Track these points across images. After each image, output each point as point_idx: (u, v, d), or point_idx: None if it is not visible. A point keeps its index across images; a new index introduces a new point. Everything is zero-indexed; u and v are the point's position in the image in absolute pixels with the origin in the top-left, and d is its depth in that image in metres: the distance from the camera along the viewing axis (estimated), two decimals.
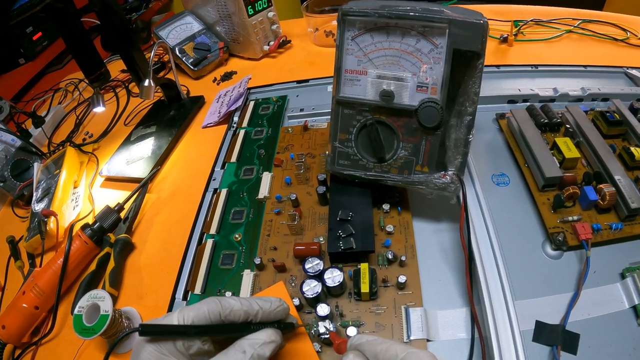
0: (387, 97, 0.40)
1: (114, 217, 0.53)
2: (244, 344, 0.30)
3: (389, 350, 0.26)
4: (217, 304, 0.31)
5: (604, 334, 0.35)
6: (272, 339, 0.31)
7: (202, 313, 0.30)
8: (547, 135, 0.52)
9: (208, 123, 0.69)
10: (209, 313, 0.31)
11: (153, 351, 0.29)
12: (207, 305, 0.31)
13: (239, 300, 0.32)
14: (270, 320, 0.33)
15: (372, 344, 0.28)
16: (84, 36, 0.59)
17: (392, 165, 0.42)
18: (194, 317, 0.30)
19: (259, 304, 0.32)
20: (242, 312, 0.31)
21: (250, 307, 0.32)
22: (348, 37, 0.40)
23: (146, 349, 0.29)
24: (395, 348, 0.26)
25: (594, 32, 0.74)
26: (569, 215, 0.42)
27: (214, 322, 0.31)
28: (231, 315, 0.31)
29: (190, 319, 0.30)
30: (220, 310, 0.31)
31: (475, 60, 0.38)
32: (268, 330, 0.32)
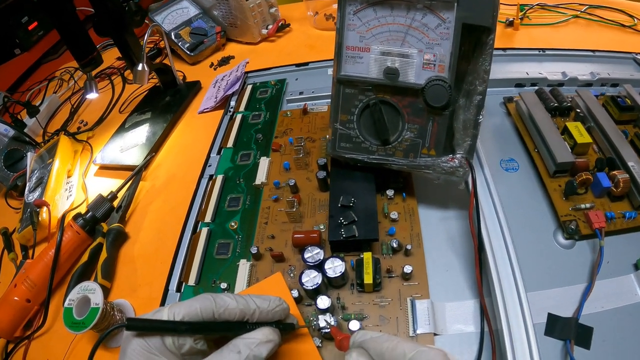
0: (391, 75, 0.37)
1: (106, 206, 0.51)
2: (239, 344, 0.28)
3: (396, 348, 0.24)
4: (211, 301, 0.29)
5: (618, 327, 0.34)
6: (269, 338, 0.29)
7: (193, 310, 0.28)
8: (557, 119, 0.50)
9: (204, 108, 0.67)
10: (201, 311, 0.28)
11: (140, 348, 0.27)
12: (200, 303, 0.29)
13: (234, 298, 0.30)
14: (268, 321, 0.31)
15: (377, 342, 0.26)
16: (74, 19, 0.57)
17: (396, 148, 0.40)
18: (185, 314, 0.28)
19: (256, 303, 0.30)
20: (238, 311, 0.29)
21: (246, 306, 0.29)
22: (349, 11, 0.38)
23: (133, 344, 0.27)
24: (402, 346, 0.24)
25: (601, 17, 0.72)
26: (581, 203, 0.40)
27: (207, 320, 0.29)
28: (225, 314, 0.29)
29: (181, 316, 0.28)
30: (214, 308, 0.29)
31: (485, 36, 0.35)
32: (265, 329, 0.29)
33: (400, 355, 0.24)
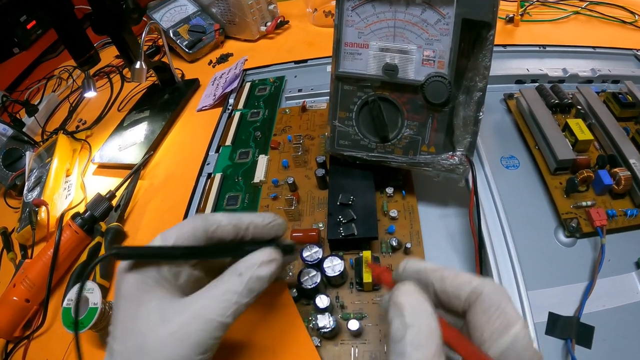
0: (390, 72, 0.37)
1: (105, 205, 0.51)
2: (240, 267, 0.26)
3: (459, 276, 0.23)
4: (202, 219, 0.27)
5: (620, 326, 0.33)
6: (270, 258, 0.27)
7: (185, 231, 0.26)
8: (558, 116, 0.49)
9: (203, 106, 0.67)
10: (194, 230, 0.26)
11: (135, 281, 0.25)
12: (192, 222, 0.27)
13: (226, 215, 0.28)
14: (265, 238, 0.29)
15: (437, 270, 0.23)
16: (71, 17, 0.56)
17: (396, 146, 0.40)
18: (177, 236, 0.26)
19: (249, 217, 0.28)
20: (231, 227, 0.27)
21: (239, 221, 0.28)
22: (348, 7, 0.37)
23: (127, 279, 0.25)
24: (466, 275, 0.23)
25: (601, 13, 0.72)
26: (582, 200, 0.40)
27: (200, 241, 0.27)
28: (219, 231, 0.27)
29: (173, 239, 0.26)
30: (206, 226, 0.27)
31: (485, 32, 0.35)
32: (266, 249, 0.27)
33: (466, 282, 0.22)
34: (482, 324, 0.21)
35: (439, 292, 0.23)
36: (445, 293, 0.23)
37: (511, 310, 0.21)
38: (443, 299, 0.23)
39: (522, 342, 0.20)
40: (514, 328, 0.20)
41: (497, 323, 0.20)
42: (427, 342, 0.20)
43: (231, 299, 0.25)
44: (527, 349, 0.20)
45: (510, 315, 0.21)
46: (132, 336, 0.24)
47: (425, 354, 0.19)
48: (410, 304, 0.21)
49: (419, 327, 0.20)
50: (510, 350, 0.20)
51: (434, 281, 0.23)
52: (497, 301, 0.21)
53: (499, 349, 0.20)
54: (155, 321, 0.24)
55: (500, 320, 0.20)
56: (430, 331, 0.20)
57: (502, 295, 0.21)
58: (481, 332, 0.21)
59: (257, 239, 0.29)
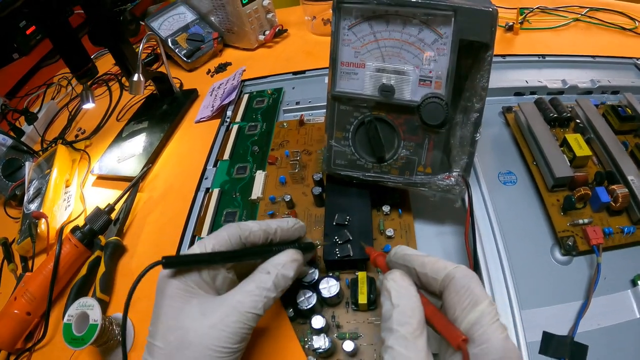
0: (386, 92, 0.37)
1: (104, 219, 0.51)
2: (268, 266, 0.31)
3: (438, 262, 0.26)
4: (236, 227, 0.31)
5: (614, 344, 0.34)
6: (294, 258, 0.32)
7: (222, 239, 0.31)
8: (557, 130, 0.49)
9: (201, 117, 0.67)
10: (230, 237, 0.31)
11: (179, 284, 0.28)
12: (227, 231, 0.31)
13: (256, 222, 0.33)
14: (290, 239, 0.34)
15: (420, 256, 0.28)
16: (68, 31, 0.56)
17: (392, 166, 0.40)
18: (215, 243, 0.30)
19: (276, 223, 0.33)
20: (262, 233, 0.32)
21: (268, 226, 0.32)
22: (344, 26, 0.37)
23: (172, 284, 0.28)
24: (443, 262, 0.26)
25: (601, 20, 0.72)
26: (579, 218, 0.40)
27: (235, 246, 0.31)
28: (251, 237, 0.32)
29: (211, 247, 0.30)
30: (240, 233, 0.31)
31: (483, 52, 0.35)
32: (289, 250, 0.32)
33: (442, 268, 0.26)
34: (454, 303, 0.24)
35: (420, 275, 0.27)
36: (425, 276, 0.26)
37: (479, 291, 0.24)
38: (423, 281, 0.27)
39: (488, 317, 0.23)
40: (481, 305, 0.23)
41: (466, 302, 0.24)
42: (410, 320, 0.24)
43: (261, 294, 0.29)
44: (492, 323, 0.23)
45: (478, 295, 0.24)
46: (174, 332, 0.27)
47: (408, 330, 0.24)
48: (396, 288, 0.26)
49: (403, 307, 0.25)
50: (477, 324, 0.23)
51: (416, 266, 0.27)
52: (467, 283, 0.24)
53: (468, 323, 0.23)
54: (196, 316, 0.28)
55: (469, 299, 0.24)
56: (413, 310, 0.25)
57: (471, 278, 0.25)
58: (453, 309, 0.24)
59: (283, 240, 0.33)
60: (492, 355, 0.22)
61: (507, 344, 0.22)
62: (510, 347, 0.22)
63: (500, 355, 0.22)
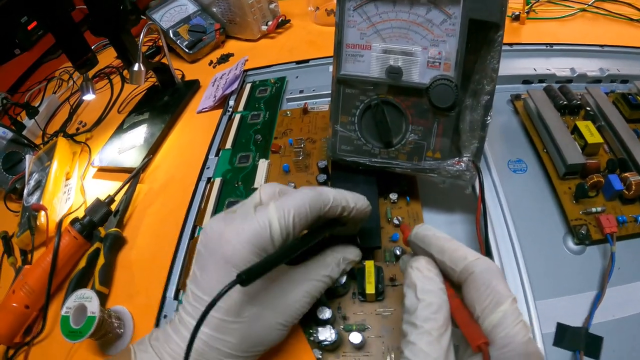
0: (394, 74, 0.36)
1: (104, 210, 0.50)
2: (339, 257, 0.32)
3: (458, 250, 0.25)
4: (318, 196, 0.29)
5: (629, 336, 0.32)
6: (358, 259, 0.34)
7: (303, 210, 0.28)
8: (566, 118, 0.48)
9: (203, 108, 0.66)
10: (311, 210, 0.28)
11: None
12: (309, 199, 0.28)
13: (333, 192, 0.30)
14: (360, 219, 0.32)
15: (440, 239, 0.26)
16: (66, 20, 0.55)
17: (400, 151, 0.38)
18: (295, 214, 0.27)
19: (353, 200, 0.31)
20: (339, 208, 0.30)
21: (346, 202, 0.30)
22: (349, 7, 0.36)
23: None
24: (464, 250, 0.25)
25: (608, 11, 0.70)
26: (592, 206, 0.39)
27: (312, 220, 0.29)
28: (330, 211, 0.29)
29: (291, 224, 0.27)
30: (322, 205, 0.29)
31: (493, 33, 0.34)
32: (357, 249, 0.34)
33: (462, 258, 0.24)
34: (474, 301, 0.23)
35: (438, 262, 0.25)
36: (443, 264, 0.25)
37: (502, 288, 0.23)
38: (441, 268, 0.25)
39: (511, 318, 0.21)
40: (503, 306, 0.22)
41: (487, 301, 0.22)
42: (436, 316, 0.23)
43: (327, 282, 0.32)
44: (516, 323, 0.21)
45: (500, 294, 0.22)
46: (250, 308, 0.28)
47: (433, 326, 0.22)
48: (421, 280, 0.24)
49: (428, 302, 0.23)
50: (499, 326, 0.21)
51: (434, 252, 0.25)
52: (488, 280, 0.23)
53: (490, 324, 0.22)
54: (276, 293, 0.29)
55: (490, 298, 0.22)
56: (439, 306, 0.23)
57: (493, 274, 0.23)
58: (473, 308, 0.23)
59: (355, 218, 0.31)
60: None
61: (529, 347, 0.21)
62: (532, 350, 0.21)
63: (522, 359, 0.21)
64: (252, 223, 0.27)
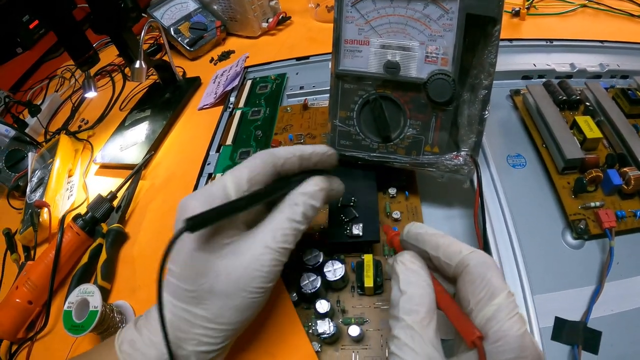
0: (392, 69, 0.36)
1: (106, 206, 0.50)
2: (294, 197, 0.29)
3: (452, 245, 0.24)
4: (269, 155, 0.29)
5: (628, 331, 0.33)
6: (321, 187, 0.30)
7: (255, 168, 0.28)
8: (566, 113, 0.48)
9: (204, 104, 0.66)
10: (264, 166, 0.28)
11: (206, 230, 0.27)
12: (261, 158, 0.29)
13: (289, 148, 0.30)
14: (325, 167, 0.31)
15: (434, 236, 0.26)
16: (68, 18, 0.56)
17: (398, 146, 0.39)
18: (249, 176, 0.28)
19: (310, 148, 0.30)
20: (296, 159, 0.30)
21: (302, 151, 0.30)
22: (347, 3, 0.36)
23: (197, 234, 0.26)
24: (459, 245, 0.24)
25: (609, 6, 0.70)
26: (590, 201, 0.39)
27: (269, 177, 0.29)
28: (287, 165, 0.29)
29: (245, 181, 0.28)
30: (274, 160, 0.29)
31: (490, 27, 0.34)
32: (315, 178, 0.30)
33: (456, 252, 0.24)
34: (469, 294, 0.23)
35: (433, 258, 0.25)
36: (438, 260, 0.25)
37: (496, 280, 0.22)
38: (436, 264, 0.25)
39: (505, 312, 0.21)
40: (497, 299, 0.21)
41: (481, 294, 0.22)
42: (418, 308, 0.23)
43: (292, 226, 0.28)
44: (510, 317, 0.21)
45: (495, 287, 0.22)
46: (205, 275, 0.26)
47: (415, 319, 0.22)
48: (404, 272, 0.24)
49: (411, 293, 0.23)
50: (493, 319, 0.21)
51: (428, 248, 0.25)
52: (483, 273, 0.22)
53: (483, 317, 0.22)
54: (228, 257, 0.26)
55: (484, 291, 0.22)
56: (421, 297, 0.23)
57: (487, 267, 0.23)
58: (468, 301, 0.23)
59: (317, 168, 0.31)
60: (507, 354, 0.20)
61: (524, 341, 0.21)
62: (527, 343, 0.21)
63: (516, 354, 0.20)
64: (208, 187, 0.28)
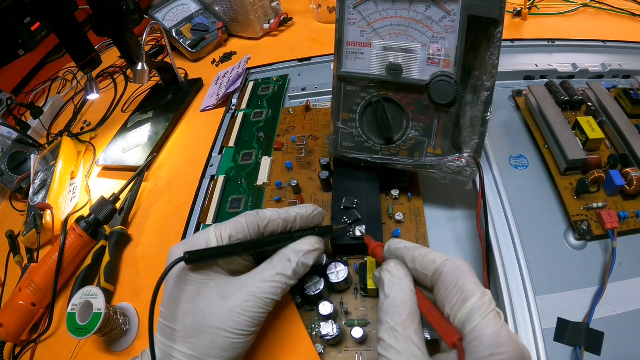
0: (394, 72, 0.36)
1: (109, 209, 0.51)
2: (288, 253, 0.30)
3: (427, 256, 0.26)
4: (255, 216, 0.31)
5: (630, 331, 0.33)
6: (315, 247, 0.31)
7: (240, 227, 0.30)
8: (568, 113, 0.48)
9: (206, 106, 0.66)
10: (248, 226, 0.30)
11: (197, 277, 0.29)
12: (245, 219, 0.30)
13: (275, 211, 0.32)
14: (310, 227, 0.33)
15: (411, 249, 0.27)
16: (70, 20, 0.56)
17: (401, 147, 0.39)
18: (232, 231, 0.30)
19: (295, 211, 0.32)
20: (281, 221, 0.31)
21: (287, 214, 0.32)
22: (349, 5, 0.36)
23: (191, 278, 0.29)
24: (433, 255, 0.26)
25: (610, 6, 0.70)
26: (593, 202, 0.39)
27: (253, 235, 0.30)
28: (270, 226, 0.31)
29: (228, 235, 0.29)
30: (259, 222, 0.31)
31: (493, 29, 0.34)
32: (311, 238, 0.32)
33: (431, 262, 0.25)
34: (444, 300, 0.24)
35: (412, 270, 0.27)
36: (416, 271, 0.26)
37: (469, 284, 0.23)
38: (416, 276, 0.26)
39: (478, 313, 0.22)
40: (470, 301, 0.23)
41: (455, 299, 0.23)
42: (400, 310, 0.24)
43: (281, 280, 0.29)
44: (483, 318, 0.22)
45: (467, 291, 0.23)
46: (192, 315, 0.28)
47: (397, 320, 0.24)
48: (389, 278, 0.26)
49: (393, 298, 0.25)
50: (468, 321, 0.22)
51: (407, 262, 0.27)
52: (455, 278, 0.24)
53: (459, 321, 0.23)
54: (215, 300, 0.28)
55: (457, 296, 0.23)
56: (403, 301, 0.25)
57: (460, 272, 0.24)
58: (443, 307, 0.24)
59: (303, 228, 0.33)
60: (482, 352, 0.21)
61: (499, 338, 0.21)
62: (501, 340, 0.21)
63: (491, 351, 0.21)
64: (193, 238, 0.30)
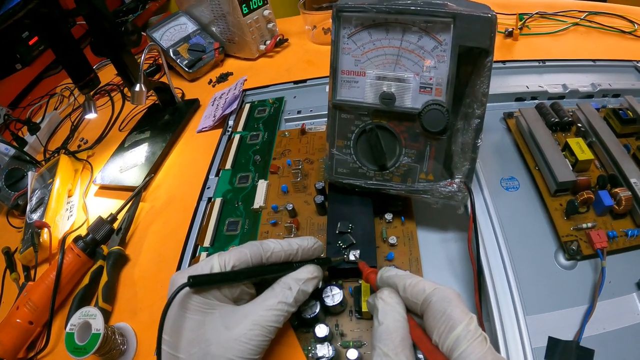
0: (387, 100, 0.37)
1: (106, 229, 0.51)
2: (289, 281, 0.32)
3: (417, 285, 0.27)
4: (258, 247, 0.32)
5: (620, 348, 0.33)
6: (314, 275, 0.33)
7: (243, 257, 0.31)
8: (558, 135, 0.49)
9: (203, 127, 0.67)
10: (251, 257, 0.32)
11: (200, 299, 0.29)
12: (249, 249, 0.32)
13: (278, 242, 0.33)
14: (310, 258, 0.34)
15: (402, 278, 0.28)
16: (70, 42, 0.57)
17: (394, 173, 0.40)
18: (236, 261, 0.31)
19: (297, 243, 0.34)
20: (283, 253, 0.33)
21: (290, 247, 0.33)
22: (344, 35, 0.37)
23: (194, 300, 0.29)
24: (423, 284, 0.27)
25: (600, 24, 0.72)
26: (582, 222, 0.40)
27: (254, 265, 0.32)
28: (273, 257, 0.32)
29: (231, 264, 0.31)
30: (262, 253, 0.32)
31: (483, 58, 0.35)
32: (310, 266, 0.33)
33: (421, 291, 0.27)
34: (432, 327, 0.25)
35: (403, 298, 0.28)
36: (407, 299, 0.27)
37: (456, 313, 0.25)
38: (406, 303, 0.28)
39: (464, 341, 0.23)
40: (457, 330, 0.24)
41: (442, 327, 0.25)
42: (392, 337, 0.26)
43: (283, 308, 0.30)
44: (469, 344, 0.23)
45: (454, 319, 0.24)
46: (197, 345, 0.28)
47: (390, 346, 0.25)
48: (382, 305, 0.27)
49: (386, 325, 0.26)
50: (454, 349, 0.24)
51: (399, 289, 0.28)
52: (443, 307, 0.25)
53: (447, 348, 0.24)
54: (219, 329, 0.29)
55: (444, 324, 0.25)
56: (396, 328, 0.26)
57: (448, 301, 0.25)
58: (432, 334, 0.25)
59: (304, 260, 0.34)
60: None
61: None
62: None
63: None
64: (197, 266, 0.32)
